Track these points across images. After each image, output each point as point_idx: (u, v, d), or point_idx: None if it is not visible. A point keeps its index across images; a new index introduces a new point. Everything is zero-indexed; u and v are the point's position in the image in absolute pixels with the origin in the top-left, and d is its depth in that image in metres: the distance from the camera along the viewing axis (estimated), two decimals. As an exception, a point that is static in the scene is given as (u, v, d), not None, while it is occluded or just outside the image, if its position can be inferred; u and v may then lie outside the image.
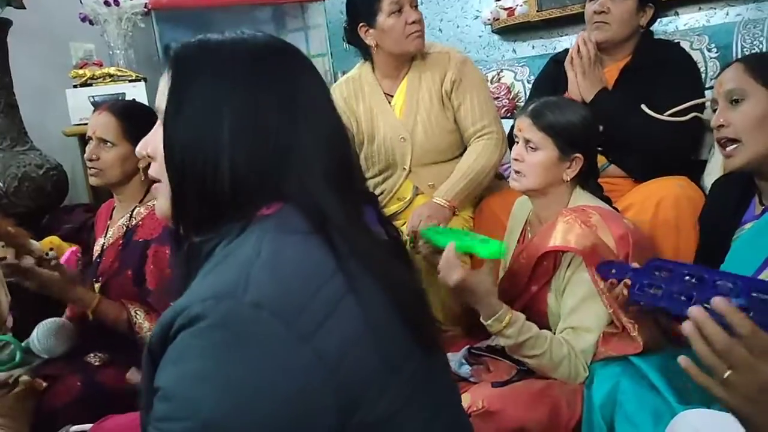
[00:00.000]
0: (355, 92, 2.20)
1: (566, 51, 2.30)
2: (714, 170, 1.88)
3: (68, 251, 1.99)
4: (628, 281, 1.20)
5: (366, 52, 2.16)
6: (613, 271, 1.27)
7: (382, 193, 2.18)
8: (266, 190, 0.77)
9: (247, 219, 0.76)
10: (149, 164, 1.65)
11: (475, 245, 1.44)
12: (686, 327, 0.79)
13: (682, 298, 1.03)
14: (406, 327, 0.78)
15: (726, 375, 0.75)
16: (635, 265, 1.22)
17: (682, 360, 0.81)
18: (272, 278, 0.71)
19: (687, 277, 1.05)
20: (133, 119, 1.78)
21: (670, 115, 1.91)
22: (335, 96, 2.19)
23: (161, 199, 0.84)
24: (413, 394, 0.78)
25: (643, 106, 1.92)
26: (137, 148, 0.88)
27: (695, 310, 0.79)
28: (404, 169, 2.13)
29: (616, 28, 2.02)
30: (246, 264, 0.71)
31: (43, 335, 1.20)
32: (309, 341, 0.68)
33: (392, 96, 2.16)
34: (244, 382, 0.66)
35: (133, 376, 1.64)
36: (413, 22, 2.02)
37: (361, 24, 2.08)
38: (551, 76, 2.23)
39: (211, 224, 0.78)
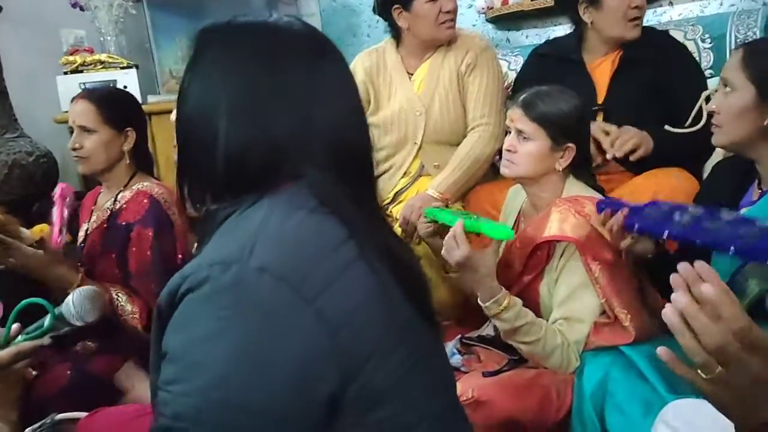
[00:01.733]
0: (377, 63, 2.22)
1: (547, 43, 2.29)
2: (716, 156, 1.87)
3: (58, 187, 1.98)
4: (625, 211, 1.32)
5: (394, 31, 2.18)
6: (609, 205, 1.39)
7: (391, 167, 2.19)
8: (276, 170, 0.78)
9: (261, 192, 0.78)
10: (133, 147, 1.65)
11: (484, 226, 1.44)
12: (671, 317, 0.71)
13: (677, 219, 1.07)
14: (409, 302, 0.81)
15: (717, 371, 0.69)
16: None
17: (663, 352, 0.74)
18: (278, 245, 0.73)
19: (680, 212, 1.10)
20: (110, 104, 1.79)
21: (691, 124, 1.83)
22: (356, 66, 2.22)
23: None
24: (414, 367, 0.79)
25: (667, 127, 1.86)
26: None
27: (682, 299, 0.70)
28: (415, 143, 2.14)
29: (642, 19, 1.97)
30: (254, 232, 0.74)
31: (78, 299, 1.19)
32: (312, 303, 0.70)
33: (413, 74, 2.18)
34: (247, 343, 0.69)
35: (123, 375, 1.64)
36: (448, 11, 2.04)
37: (395, 6, 2.08)
38: (534, 70, 2.18)
39: (216, 196, 0.81)
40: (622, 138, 1.80)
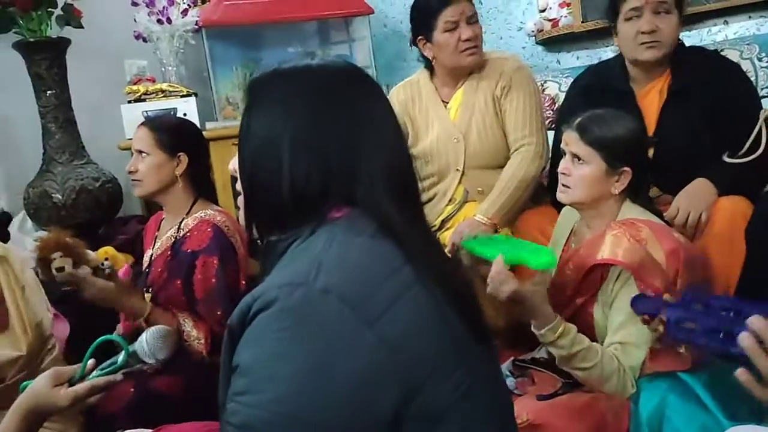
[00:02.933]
0: (412, 95, 2.24)
1: (589, 72, 2.18)
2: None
3: (125, 266, 2.06)
4: (663, 317, 1.18)
5: (426, 61, 2.21)
6: (646, 306, 1.23)
7: (435, 195, 2.19)
8: (332, 197, 0.85)
9: (318, 221, 0.84)
10: (190, 172, 1.68)
11: (525, 256, 1.44)
12: (745, 340, 0.75)
13: (720, 335, 1.00)
14: (465, 324, 0.85)
15: None
16: (667, 297, 1.19)
17: (741, 373, 0.77)
18: (341, 268, 0.79)
19: (723, 312, 1.02)
20: (164, 130, 1.86)
21: (750, 149, 1.81)
22: (392, 100, 2.23)
23: (242, 209, 0.97)
24: (472, 388, 0.82)
25: (725, 158, 1.82)
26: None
27: (755, 320, 0.74)
28: (457, 170, 2.13)
29: (667, 43, 1.89)
30: (317, 257, 0.80)
31: (152, 337, 1.23)
32: (373, 325, 0.75)
33: (448, 102, 2.19)
34: (313, 361, 0.74)
35: None
36: (467, 39, 2.04)
37: (419, 37, 2.13)
38: (579, 104, 2.00)
39: (283, 226, 0.87)
40: (679, 218, 1.74)
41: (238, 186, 0.96)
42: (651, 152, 1.86)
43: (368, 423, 0.75)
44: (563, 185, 1.56)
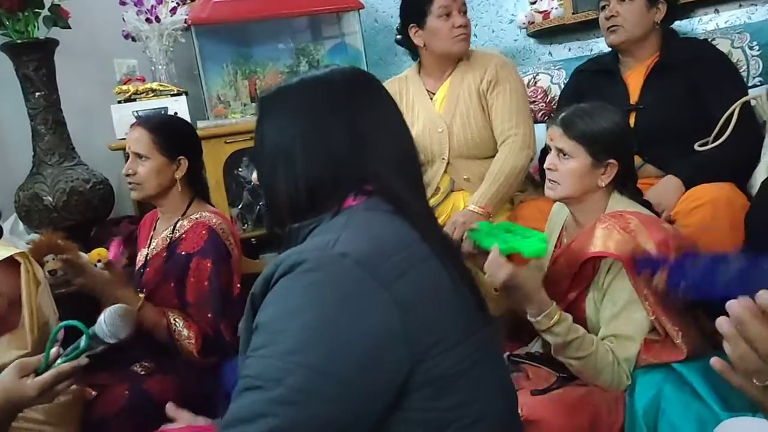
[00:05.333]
0: (399, 89, 2.30)
1: (589, 60, 2.36)
2: (762, 171, 1.84)
3: (113, 243, 2.05)
4: (665, 273, 1.24)
5: (415, 53, 2.28)
6: (648, 263, 1.32)
7: None
8: (347, 188, 0.93)
9: (337, 208, 0.92)
10: (188, 174, 1.73)
11: (518, 244, 1.44)
12: (724, 325, 0.71)
13: (724, 283, 1.02)
14: (474, 302, 0.92)
15: None
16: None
17: (716, 362, 0.75)
18: (359, 237, 0.85)
19: (724, 267, 1.04)
20: (164, 132, 1.83)
21: (718, 134, 1.87)
22: None
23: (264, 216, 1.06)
24: (478, 363, 0.87)
25: (696, 146, 1.91)
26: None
27: (736, 306, 0.70)
28: (443, 160, 2.18)
29: (630, 28, 2.08)
30: (337, 232, 0.86)
31: (109, 318, 1.24)
32: (387, 287, 0.80)
33: (434, 93, 2.25)
34: (327, 316, 0.79)
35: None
36: (460, 26, 2.13)
37: (411, 25, 2.18)
38: (574, 87, 2.30)
39: (304, 215, 0.94)
40: None
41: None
42: (632, 120, 2.02)
43: (379, 383, 0.79)
44: (550, 180, 1.56)
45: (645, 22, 2.09)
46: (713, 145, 1.88)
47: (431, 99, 2.25)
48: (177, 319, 1.71)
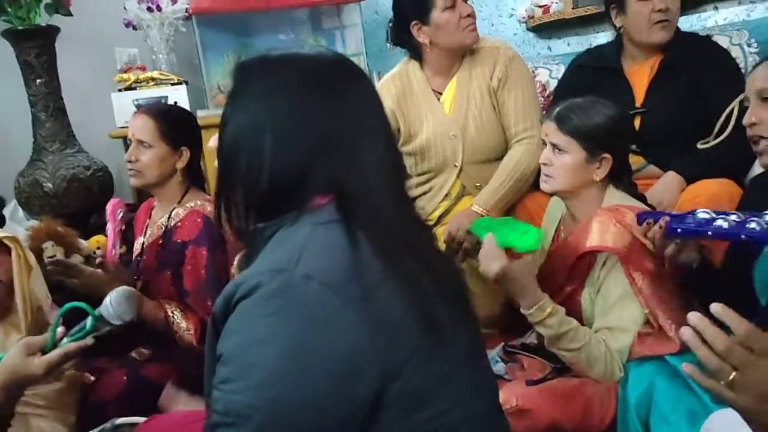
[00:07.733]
0: (403, 88, 2.16)
1: (587, 53, 2.30)
2: (758, 166, 1.85)
3: (110, 204, 2.06)
4: (666, 219, 1.34)
5: (415, 52, 2.13)
6: (649, 215, 1.42)
7: (431, 188, 2.14)
8: (314, 186, 0.85)
9: (301, 209, 0.85)
10: (187, 164, 1.72)
11: (512, 238, 1.45)
12: (685, 333, 0.78)
13: (720, 222, 1.20)
14: (449, 310, 0.85)
15: (731, 377, 0.75)
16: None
17: (686, 367, 0.80)
18: (323, 254, 0.80)
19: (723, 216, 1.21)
20: (169, 122, 1.83)
21: (720, 131, 1.89)
22: (383, 93, 2.09)
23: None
24: (455, 370, 0.84)
25: (699, 145, 1.90)
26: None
27: (693, 316, 0.78)
28: (455, 166, 2.09)
29: (674, 26, 2.01)
30: (300, 243, 0.80)
31: (116, 300, 1.25)
32: (356, 307, 0.76)
33: (441, 93, 2.13)
34: (296, 345, 0.75)
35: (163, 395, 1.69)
36: (467, 16, 2.01)
37: (413, 22, 2.04)
38: (572, 81, 2.21)
39: (262, 214, 0.87)
40: None
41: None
42: (638, 123, 1.98)
43: (350, 405, 0.76)
44: (545, 175, 1.57)
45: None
46: (714, 142, 1.88)
47: (439, 100, 2.12)
48: (175, 312, 1.71)
